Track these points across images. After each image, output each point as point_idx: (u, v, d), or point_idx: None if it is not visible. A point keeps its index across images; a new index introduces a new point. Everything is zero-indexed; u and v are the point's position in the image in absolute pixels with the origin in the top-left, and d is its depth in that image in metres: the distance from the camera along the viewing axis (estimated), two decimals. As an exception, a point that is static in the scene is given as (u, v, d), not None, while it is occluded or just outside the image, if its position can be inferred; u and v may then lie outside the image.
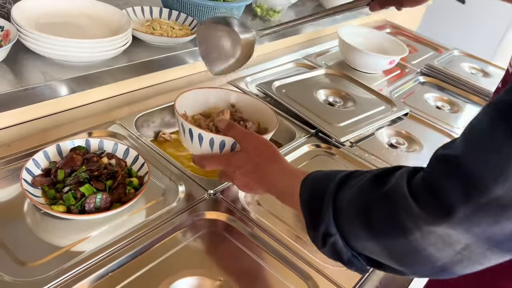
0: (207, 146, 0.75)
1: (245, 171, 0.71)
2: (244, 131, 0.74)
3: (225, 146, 0.75)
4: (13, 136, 0.86)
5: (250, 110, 0.89)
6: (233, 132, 0.74)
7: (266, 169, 0.69)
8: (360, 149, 1.10)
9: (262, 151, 0.71)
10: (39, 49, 0.88)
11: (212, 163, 0.76)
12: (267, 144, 0.73)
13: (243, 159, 0.71)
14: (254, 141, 0.72)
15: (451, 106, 1.48)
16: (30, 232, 0.70)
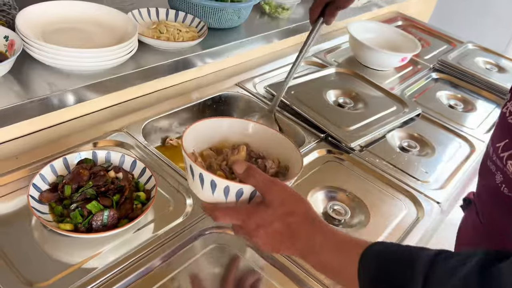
0: (220, 194, 0.61)
1: (271, 231, 0.58)
2: (268, 179, 0.59)
3: (242, 195, 0.61)
4: (21, 147, 0.85)
5: (268, 143, 0.74)
6: (254, 181, 0.59)
7: (300, 232, 0.57)
8: (370, 154, 1.08)
9: (292, 208, 0.58)
10: (44, 59, 0.87)
11: (228, 216, 0.61)
12: (298, 199, 0.59)
13: (269, 216, 0.58)
14: (282, 194, 0.59)
15: (464, 105, 1.45)
16: (38, 249, 0.70)
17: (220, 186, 0.60)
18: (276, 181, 0.59)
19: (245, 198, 0.61)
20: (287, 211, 0.58)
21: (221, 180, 0.60)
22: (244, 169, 0.60)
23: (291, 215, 0.57)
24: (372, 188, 0.98)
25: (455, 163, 1.13)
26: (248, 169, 0.60)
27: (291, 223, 0.57)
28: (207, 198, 0.63)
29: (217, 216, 0.61)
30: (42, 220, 0.68)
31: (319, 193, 0.94)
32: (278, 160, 0.72)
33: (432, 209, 0.95)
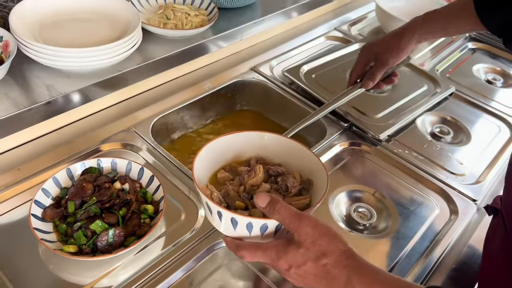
0: (243, 230, 0.57)
1: (304, 272, 0.54)
2: (294, 214, 0.54)
3: (267, 229, 0.57)
4: (23, 156, 0.81)
5: (285, 153, 0.68)
6: (280, 217, 0.54)
7: (339, 275, 0.52)
8: (399, 144, 1.00)
9: (326, 246, 0.53)
10: (42, 61, 0.81)
11: (255, 255, 0.56)
12: (331, 236, 0.54)
13: (300, 257, 0.53)
14: (313, 231, 0.53)
15: (504, 79, 1.32)
16: (45, 270, 0.66)
17: (242, 223, 0.56)
18: (304, 215, 0.54)
19: (271, 232, 0.57)
20: (321, 252, 0.53)
21: (242, 217, 0.55)
22: (266, 203, 0.55)
23: (326, 256, 0.52)
24: (401, 186, 0.90)
25: (493, 150, 1.03)
26: (272, 204, 0.55)
27: (326, 265, 0.52)
28: (229, 232, 0.59)
29: (243, 255, 0.57)
30: (45, 244, 0.64)
31: (342, 194, 0.87)
32: (299, 174, 0.66)
33: (467, 208, 0.86)
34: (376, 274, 0.52)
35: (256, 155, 0.69)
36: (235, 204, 0.61)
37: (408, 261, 0.76)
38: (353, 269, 0.52)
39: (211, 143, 0.65)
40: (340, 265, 0.52)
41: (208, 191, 0.62)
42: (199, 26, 1.01)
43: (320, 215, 0.81)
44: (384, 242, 0.79)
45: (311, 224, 0.54)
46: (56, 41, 0.85)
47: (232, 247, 0.58)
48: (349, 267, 0.52)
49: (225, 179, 0.65)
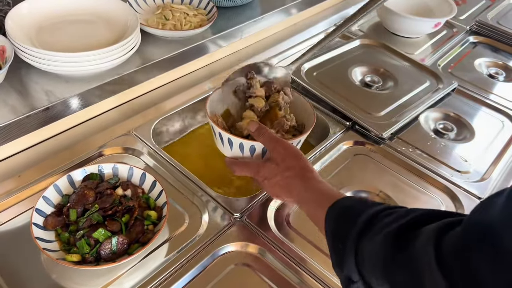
0: (237, 150, 0.74)
1: (273, 183, 0.69)
2: (274, 138, 0.70)
3: (255, 151, 0.73)
4: (23, 163, 0.80)
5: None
6: (263, 139, 0.70)
7: (294, 185, 0.66)
8: (402, 142, 0.98)
9: (292, 164, 0.67)
10: (39, 66, 0.79)
11: (242, 169, 0.74)
12: (297, 156, 0.69)
13: (272, 170, 0.68)
14: (284, 152, 0.69)
15: (506, 73, 1.30)
16: (48, 279, 0.65)
17: (235, 143, 0.72)
18: (280, 140, 0.70)
19: (258, 153, 0.73)
20: (286, 167, 0.67)
21: (236, 138, 0.72)
22: (255, 128, 0.71)
23: (289, 170, 0.67)
24: (406, 185, 0.89)
25: (497, 146, 1.02)
26: (259, 129, 0.71)
27: (288, 177, 0.66)
28: (228, 153, 0.76)
29: (234, 169, 0.74)
30: (47, 254, 0.63)
31: (347, 194, 0.85)
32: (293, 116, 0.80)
33: (473, 207, 0.85)
34: (319, 185, 0.64)
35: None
36: (236, 132, 0.76)
37: (415, 262, 0.75)
38: (305, 180, 0.65)
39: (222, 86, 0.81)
40: (297, 177, 0.66)
41: (215, 118, 0.76)
42: (198, 26, 0.99)
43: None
44: (390, 243, 0.78)
45: (284, 146, 0.69)
46: (54, 45, 0.84)
47: (228, 163, 0.75)
48: (303, 179, 0.65)
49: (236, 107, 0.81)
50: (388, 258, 0.47)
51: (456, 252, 0.40)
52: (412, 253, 0.44)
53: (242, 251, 0.73)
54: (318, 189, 0.64)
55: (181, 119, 0.98)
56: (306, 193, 0.64)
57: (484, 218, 0.39)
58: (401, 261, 0.46)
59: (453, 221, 0.44)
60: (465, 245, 0.39)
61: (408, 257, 0.45)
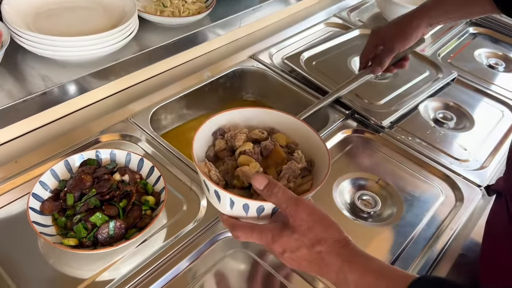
0: (240, 210, 0.56)
1: (298, 258, 0.53)
2: (292, 198, 0.53)
3: (264, 211, 0.56)
4: (20, 149, 0.79)
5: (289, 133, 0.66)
6: (277, 199, 0.53)
7: (331, 263, 0.51)
8: (402, 131, 0.98)
9: (322, 235, 0.52)
10: (37, 50, 0.79)
11: (250, 236, 0.55)
12: (328, 224, 0.53)
13: (294, 242, 0.52)
14: (309, 218, 0.52)
15: (506, 63, 1.30)
16: (45, 264, 0.65)
17: (238, 203, 0.55)
18: (301, 201, 0.53)
19: (267, 213, 0.56)
20: (315, 239, 0.52)
21: (239, 198, 0.54)
22: (264, 185, 0.53)
23: (320, 244, 0.51)
24: (405, 173, 0.89)
25: (497, 135, 1.02)
26: (269, 187, 0.53)
27: (320, 252, 0.51)
28: (226, 211, 0.57)
29: (238, 235, 0.56)
30: (44, 237, 0.63)
31: (346, 182, 0.85)
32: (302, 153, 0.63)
33: (473, 194, 0.85)
34: (368, 263, 0.51)
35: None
36: (233, 183, 0.59)
37: (414, 248, 0.75)
38: (346, 257, 0.51)
39: (212, 118, 0.63)
40: (333, 253, 0.51)
41: (206, 168, 0.59)
42: (196, 13, 0.99)
43: (324, 203, 0.79)
44: (389, 230, 0.78)
45: (307, 210, 0.52)
46: (50, 30, 0.83)
47: (228, 226, 0.57)
48: (342, 256, 0.51)
49: (221, 147, 0.63)
50: None
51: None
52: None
53: (240, 236, 0.72)
54: (370, 269, 0.50)
55: (179, 107, 0.97)
56: (352, 275, 0.50)
57: None
58: None
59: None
60: None
61: None
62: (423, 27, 0.91)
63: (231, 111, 0.65)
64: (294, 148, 0.65)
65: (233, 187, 0.59)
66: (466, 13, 0.94)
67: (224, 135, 0.64)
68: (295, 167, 0.60)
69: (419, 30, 0.91)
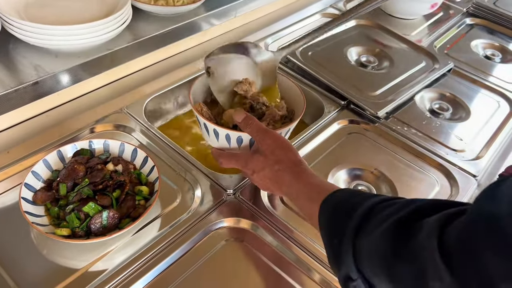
0: (224, 141, 0.70)
1: (262, 176, 0.66)
2: (261, 128, 0.66)
3: (242, 142, 0.69)
4: (12, 139, 0.79)
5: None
6: (250, 129, 0.67)
7: (284, 178, 0.63)
8: (397, 121, 0.98)
9: (281, 156, 0.64)
10: (28, 39, 0.78)
11: (230, 162, 0.70)
12: (286, 148, 0.65)
13: (260, 163, 0.66)
14: (273, 144, 0.65)
15: (503, 54, 1.30)
16: (38, 255, 0.64)
17: (221, 134, 0.69)
18: (268, 131, 0.66)
19: (246, 144, 0.70)
20: (275, 159, 0.64)
21: (222, 129, 0.68)
22: (242, 118, 0.68)
23: (278, 163, 0.64)
24: (400, 163, 0.88)
25: (493, 126, 1.01)
26: (246, 119, 0.67)
27: (278, 170, 0.63)
28: (214, 144, 0.72)
29: (221, 161, 0.71)
30: (36, 227, 0.62)
31: (342, 172, 0.85)
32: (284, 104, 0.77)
33: (468, 184, 0.85)
34: (310, 178, 0.61)
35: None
36: (221, 122, 0.72)
37: (409, 238, 0.74)
38: (295, 174, 0.62)
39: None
40: (287, 170, 0.63)
41: (199, 107, 0.72)
42: (191, 2, 0.98)
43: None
44: (385, 220, 0.77)
45: (272, 137, 0.65)
46: (42, 19, 0.82)
47: (215, 155, 0.72)
48: (293, 173, 0.62)
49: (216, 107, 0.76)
50: (388, 253, 0.45)
51: (462, 243, 0.38)
52: (414, 246, 0.42)
53: (234, 226, 0.72)
54: (310, 183, 0.61)
55: (174, 97, 0.96)
56: (297, 186, 0.61)
57: (490, 209, 0.37)
58: (403, 254, 0.43)
59: (455, 211, 0.42)
60: (472, 237, 0.37)
61: (410, 250, 0.42)
62: None
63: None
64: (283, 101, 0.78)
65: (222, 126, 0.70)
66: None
67: None
68: (275, 113, 0.73)
69: None
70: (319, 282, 0.66)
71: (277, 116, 0.73)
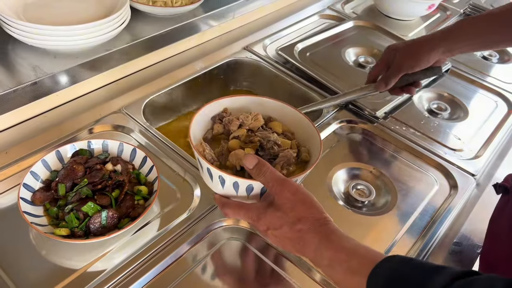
0: (230, 189, 0.60)
1: (280, 235, 0.56)
2: (278, 178, 0.56)
3: (253, 190, 0.59)
4: (11, 140, 0.78)
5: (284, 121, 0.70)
6: (264, 178, 0.56)
7: (309, 241, 0.53)
8: (396, 121, 0.98)
9: (303, 213, 0.54)
10: (26, 40, 0.78)
11: (237, 214, 0.60)
12: (310, 204, 0.55)
13: (277, 220, 0.55)
14: (293, 198, 0.55)
15: (500, 55, 1.30)
16: (37, 255, 0.64)
17: (228, 181, 0.59)
18: (286, 181, 0.56)
19: (256, 193, 0.60)
20: (297, 217, 0.54)
21: (229, 176, 0.58)
22: (253, 165, 0.57)
23: (301, 222, 0.54)
24: (399, 162, 0.89)
25: (491, 125, 1.02)
26: (258, 166, 0.57)
27: (300, 230, 0.54)
28: (218, 190, 0.62)
29: (227, 213, 0.61)
30: (35, 227, 0.62)
31: (340, 172, 0.85)
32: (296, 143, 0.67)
33: (467, 183, 0.85)
34: (343, 241, 0.52)
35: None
36: (227, 164, 0.62)
37: (409, 237, 0.75)
38: (323, 235, 0.53)
39: (210, 104, 0.67)
40: (312, 231, 0.53)
41: (201, 148, 0.63)
42: (189, 3, 0.98)
43: (319, 193, 0.79)
44: (384, 219, 0.78)
45: (292, 190, 0.55)
46: (41, 20, 0.82)
47: (219, 204, 0.62)
48: (320, 234, 0.53)
49: (219, 131, 0.67)
50: None
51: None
52: None
53: (234, 226, 0.72)
54: (343, 248, 0.51)
55: (172, 98, 0.97)
56: (328, 252, 0.52)
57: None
58: None
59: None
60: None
61: None
62: (438, 53, 0.84)
63: (232, 97, 0.69)
64: (290, 136, 0.69)
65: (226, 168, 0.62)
66: (488, 41, 0.85)
67: (222, 120, 0.68)
68: (290, 155, 0.63)
69: (432, 55, 0.84)
70: (320, 282, 0.66)
71: (292, 159, 0.64)
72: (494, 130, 1.00)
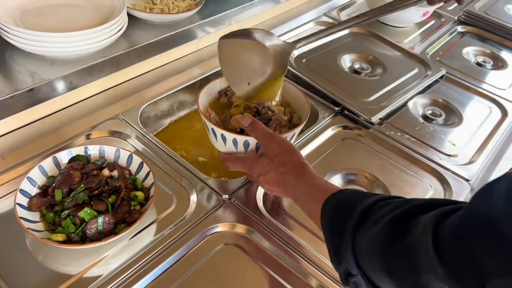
0: (231, 145, 0.73)
1: (268, 179, 0.68)
2: (267, 133, 0.69)
3: (249, 146, 0.72)
4: (7, 145, 0.79)
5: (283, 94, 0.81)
6: (256, 133, 0.69)
7: (289, 181, 0.65)
8: (391, 127, 0.99)
9: (286, 159, 0.67)
10: (24, 46, 0.78)
11: (236, 165, 0.73)
12: (291, 151, 0.68)
13: (266, 166, 0.68)
14: (278, 148, 0.68)
15: (494, 61, 1.31)
16: (33, 261, 0.64)
17: (229, 138, 0.71)
18: (274, 135, 0.69)
19: (252, 148, 0.72)
20: (280, 162, 0.66)
21: (229, 133, 0.71)
22: (248, 123, 0.70)
23: (283, 166, 0.66)
24: (394, 168, 0.89)
25: (485, 131, 1.03)
26: (252, 124, 0.70)
27: (282, 173, 0.66)
28: (222, 148, 0.75)
29: (228, 165, 0.74)
30: (31, 233, 0.62)
31: (336, 176, 0.86)
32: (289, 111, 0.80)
33: (461, 188, 0.86)
34: (314, 179, 0.63)
35: None
36: (229, 127, 0.74)
37: (404, 241, 0.75)
38: (299, 175, 0.64)
39: (217, 80, 0.82)
40: (292, 174, 0.65)
41: (207, 113, 0.75)
42: (186, 10, 0.99)
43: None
44: (379, 224, 0.78)
45: (278, 141, 0.68)
46: (38, 27, 0.83)
47: (222, 159, 0.74)
48: (297, 175, 0.65)
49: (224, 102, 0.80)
50: (385, 248, 0.46)
51: (456, 239, 0.39)
52: (410, 242, 0.44)
53: (230, 231, 0.72)
54: (313, 184, 0.63)
55: (169, 104, 0.97)
56: (301, 188, 0.64)
57: (485, 206, 0.37)
58: (399, 250, 0.45)
59: (450, 209, 0.43)
60: (466, 233, 0.38)
61: (406, 246, 0.44)
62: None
63: None
64: (284, 105, 0.81)
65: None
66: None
67: (227, 93, 0.81)
68: (281, 118, 0.75)
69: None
70: (316, 287, 0.66)
71: (284, 121, 0.75)
72: (488, 136, 1.01)
